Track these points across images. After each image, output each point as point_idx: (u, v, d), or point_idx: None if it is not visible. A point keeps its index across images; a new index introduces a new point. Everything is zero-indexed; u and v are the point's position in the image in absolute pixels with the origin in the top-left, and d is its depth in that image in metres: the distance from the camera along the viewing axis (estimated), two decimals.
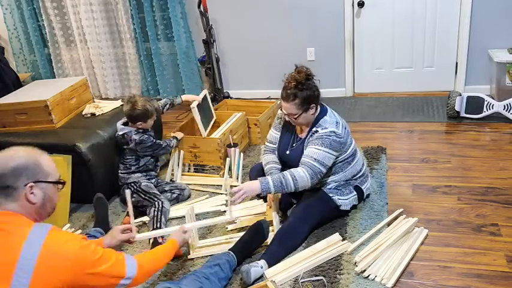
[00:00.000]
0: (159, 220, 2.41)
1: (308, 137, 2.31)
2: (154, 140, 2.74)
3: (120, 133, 2.71)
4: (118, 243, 1.93)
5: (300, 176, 2.18)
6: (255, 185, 2.20)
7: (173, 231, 2.03)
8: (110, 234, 1.93)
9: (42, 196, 1.44)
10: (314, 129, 2.29)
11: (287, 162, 2.42)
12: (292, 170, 2.22)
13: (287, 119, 2.35)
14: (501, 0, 3.68)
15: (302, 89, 2.19)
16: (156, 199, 2.54)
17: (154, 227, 2.39)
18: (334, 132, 2.23)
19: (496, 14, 3.73)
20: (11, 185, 1.38)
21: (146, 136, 2.70)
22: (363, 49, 4.21)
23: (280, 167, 2.46)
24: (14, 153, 1.43)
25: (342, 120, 2.35)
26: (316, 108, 2.30)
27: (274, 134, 2.53)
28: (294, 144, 2.41)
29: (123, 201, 2.72)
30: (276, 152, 2.50)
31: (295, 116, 2.25)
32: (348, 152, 2.33)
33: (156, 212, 2.45)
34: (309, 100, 2.22)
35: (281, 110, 2.34)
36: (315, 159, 2.20)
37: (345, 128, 2.32)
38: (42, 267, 1.29)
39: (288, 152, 2.41)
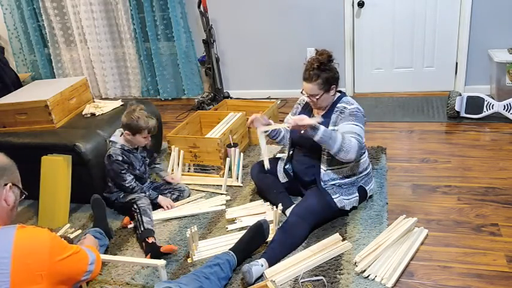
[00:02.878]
0: (141, 223, 2.36)
1: (333, 113, 2.35)
2: (122, 170, 2.55)
3: (110, 138, 2.64)
4: None
5: (349, 139, 2.20)
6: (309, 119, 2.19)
7: (142, 262, 2.08)
8: None
9: (14, 200, 1.45)
10: (339, 105, 2.35)
11: (300, 142, 2.47)
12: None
13: (308, 101, 2.42)
14: (501, 1, 3.68)
15: (324, 69, 2.27)
16: (132, 203, 2.49)
17: (139, 231, 2.35)
18: (359, 108, 2.34)
19: (496, 14, 3.73)
20: None
21: (117, 160, 2.54)
22: (363, 49, 4.21)
23: None
24: None
25: None
26: (336, 91, 2.37)
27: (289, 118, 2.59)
28: None
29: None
30: (289, 134, 2.56)
31: (317, 97, 2.31)
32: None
33: (136, 216, 2.41)
34: (330, 81, 2.30)
35: (302, 92, 2.40)
36: (358, 134, 2.26)
37: None
38: (18, 266, 1.27)
39: (302, 131, 2.42)
